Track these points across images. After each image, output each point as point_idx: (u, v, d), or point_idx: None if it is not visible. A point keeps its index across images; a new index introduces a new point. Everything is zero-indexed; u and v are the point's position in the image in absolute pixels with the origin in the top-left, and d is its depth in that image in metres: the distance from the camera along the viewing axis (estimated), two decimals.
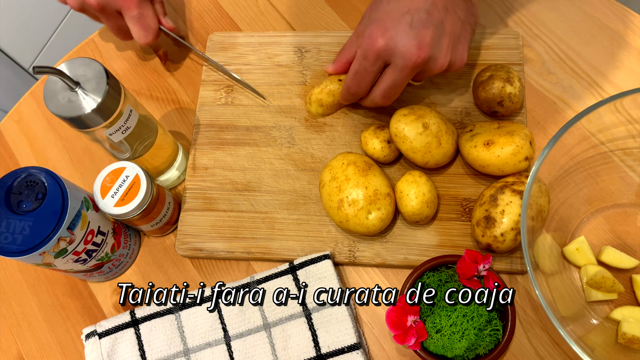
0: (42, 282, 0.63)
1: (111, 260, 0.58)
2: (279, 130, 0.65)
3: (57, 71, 0.47)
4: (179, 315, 0.57)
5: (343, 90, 0.59)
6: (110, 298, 0.61)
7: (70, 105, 0.49)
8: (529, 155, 0.55)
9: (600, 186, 0.58)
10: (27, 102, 0.73)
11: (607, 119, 0.53)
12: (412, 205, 0.55)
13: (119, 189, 0.54)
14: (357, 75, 0.55)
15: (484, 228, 0.53)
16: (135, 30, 0.63)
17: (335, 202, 0.56)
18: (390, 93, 0.55)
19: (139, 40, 0.64)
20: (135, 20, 0.62)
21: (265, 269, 0.60)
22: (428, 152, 0.56)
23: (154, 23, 0.64)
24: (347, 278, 0.59)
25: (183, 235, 0.61)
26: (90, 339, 0.57)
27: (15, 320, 0.62)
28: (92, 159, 0.68)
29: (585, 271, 0.54)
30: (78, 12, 0.62)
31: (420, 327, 0.51)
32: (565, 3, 0.68)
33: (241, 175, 0.63)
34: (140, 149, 0.57)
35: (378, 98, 0.56)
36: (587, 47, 0.65)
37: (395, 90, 0.55)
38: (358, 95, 0.58)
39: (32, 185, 0.50)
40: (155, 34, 0.64)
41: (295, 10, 0.72)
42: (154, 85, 0.71)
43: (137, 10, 0.61)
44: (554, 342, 0.54)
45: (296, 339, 0.55)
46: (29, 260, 0.49)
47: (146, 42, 0.64)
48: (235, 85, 0.67)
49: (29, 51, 1.27)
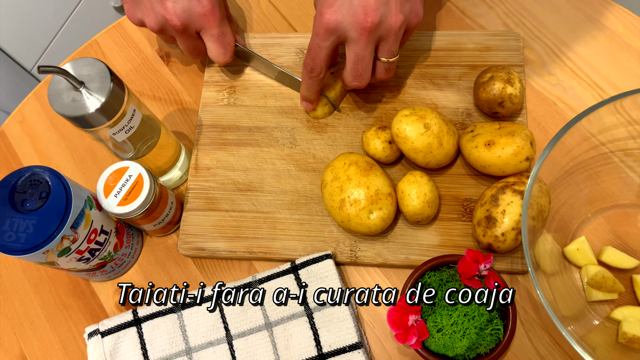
0: (45, 281, 0.63)
1: (114, 259, 0.59)
2: (281, 130, 0.65)
3: (61, 71, 0.47)
4: (181, 315, 0.57)
5: (302, 77, 0.59)
6: (112, 297, 0.62)
7: (75, 104, 0.49)
8: (530, 155, 0.55)
9: (600, 187, 0.58)
10: (30, 103, 0.73)
11: (607, 119, 0.53)
12: (414, 205, 0.55)
13: (122, 189, 0.54)
14: (310, 52, 0.55)
15: (485, 228, 0.53)
16: (214, 48, 0.62)
17: (337, 202, 0.56)
18: (358, 70, 0.55)
19: (217, 58, 0.63)
20: (216, 38, 0.61)
21: (267, 268, 0.60)
22: (429, 153, 0.56)
23: (232, 41, 0.63)
24: (349, 278, 0.59)
25: (185, 235, 0.61)
26: (92, 338, 0.57)
27: (17, 320, 0.62)
28: (94, 159, 0.69)
29: (585, 271, 0.54)
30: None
31: (422, 326, 0.51)
32: (565, 5, 0.68)
33: (243, 175, 0.63)
34: (143, 149, 0.58)
35: (349, 79, 0.56)
36: (587, 48, 0.65)
37: (362, 65, 0.55)
38: (315, 76, 0.58)
39: (36, 184, 0.50)
40: (233, 52, 0.64)
41: (297, 11, 0.73)
42: (157, 86, 0.71)
43: (218, 29, 0.61)
44: (555, 342, 0.54)
45: (298, 338, 0.55)
46: (33, 258, 0.50)
47: (225, 60, 0.63)
48: (237, 86, 0.68)
49: (31, 53, 1.28)
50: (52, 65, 0.46)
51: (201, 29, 0.61)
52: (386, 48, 0.55)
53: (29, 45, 1.26)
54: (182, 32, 0.60)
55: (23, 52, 1.26)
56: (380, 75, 0.58)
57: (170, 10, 0.58)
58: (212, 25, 0.60)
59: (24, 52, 1.26)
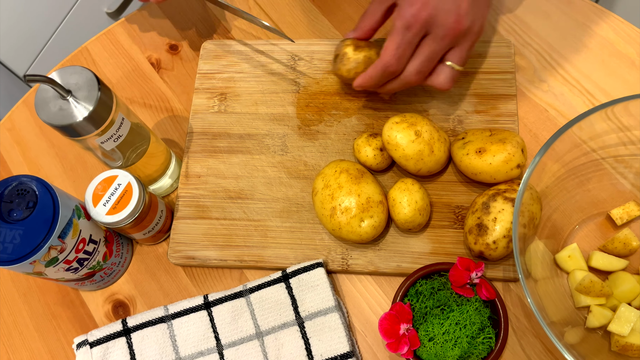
0: (34, 290, 0.63)
1: (103, 268, 0.58)
2: (272, 138, 0.65)
3: (48, 80, 0.47)
4: (171, 324, 0.56)
5: (377, 69, 0.54)
6: (102, 307, 0.61)
7: (62, 113, 0.49)
8: (521, 162, 0.55)
9: (592, 193, 0.58)
10: (19, 110, 0.73)
11: (598, 126, 0.53)
12: (405, 212, 0.55)
13: (110, 197, 0.54)
14: (398, 48, 0.52)
15: (477, 235, 0.53)
16: None
17: (328, 209, 0.55)
18: (426, 67, 0.53)
19: None
20: None
21: (258, 277, 0.60)
22: (420, 160, 0.56)
23: None
24: (340, 286, 0.59)
25: (176, 244, 0.61)
26: (81, 348, 0.56)
27: (6, 329, 0.61)
28: (84, 167, 0.68)
29: (573, 277, 0.54)
30: None
31: (413, 335, 0.51)
32: (556, 11, 0.68)
33: (234, 183, 0.63)
34: (132, 157, 0.57)
35: (412, 75, 0.53)
36: (578, 55, 0.66)
37: (430, 65, 0.53)
38: (395, 74, 0.55)
39: (23, 193, 0.49)
40: None
41: (289, 18, 0.73)
42: (147, 93, 0.71)
43: None
44: (547, 350, 0.54)
45: (289, 347, 0.55)
46: (20, 269, 0.49)
47: None
48: (228, 94, 0.67)
49: (23, 59, 1.27)
50: (38, 74, 0.46)
51: None
52: (458, 54, 0.53)
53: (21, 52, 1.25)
54: None
55: (15, 58, 1.25)
56: (442, 81, 0.54)
57: None
58: None
59: (15, 59, 1.25)
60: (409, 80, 0.55)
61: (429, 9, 0.50)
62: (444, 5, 0.50)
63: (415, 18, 0.50)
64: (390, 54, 0.52)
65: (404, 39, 0.51)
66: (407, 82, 0.55)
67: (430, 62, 0.53)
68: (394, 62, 0.53)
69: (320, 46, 0.69)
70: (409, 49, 0.52)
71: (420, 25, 0.51)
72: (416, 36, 0.52)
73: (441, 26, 0.50)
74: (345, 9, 0.72)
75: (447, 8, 0.50)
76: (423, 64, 0.53)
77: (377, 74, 0.55)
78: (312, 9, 0.73)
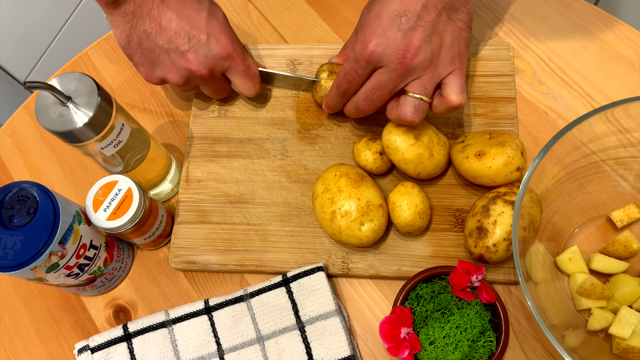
0: (35, 296, 0.63)
1: (104, 274, 0.58)
2: (272, 142, 0.65)
3: (48, 86, 0.47)
4: (172, 329, 0.56)
5: (331, 90, 0.58)
6: (103, 312, 0.61)
7: (62, 119, 0.49)
8: (521, 165, 0.55)
9: (592, 195, 0.58)
10: (20, 116, 0.73)
11: (598, 128, 0.53)
12: (405, 216, 0.55)
13: (111, 203, 0.54)
14: (346, 75, 0.55)
15: (477, 239, 0.53)
16: (242, 83, 0.61)
17: (328, 213, 0.56)
18: (373, 95, 0.54)
19: (248, 92, 0.62)
20: (242, 74, 0.60)
21: (258, 281, 0.60)
22: (420, 163, 0.56)
23: (257, 70, 0.62)
24: (341, 290, 0.59)
25: (176, 248, 0.61)
26: (82, 354, 0.56)
27: (7, 335, 0.61)
28: (85, 172, 0.68)
29: (574, 280, 0.54)
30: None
31: (414, 339, 0.51)
32: (555, 14, 0.68)
33: (234, 187, 0.63)
34: (132, 162, 0.57)
35: (360, 100, 0.56)
36: (577, 57, 0.66)
37: (378, 93, 0.54)
38: (346, 96, 0.57)
39: (23, 199, 0.50)
40: (260, 81, 0.63)
41: (288, 23, 0.73)
42: (148, 98, 0.71)
43: (243, 63, 0.60)
44: (548, 353, 0.54)
45: (290, 351, 0.55)
46: (21, 275, 0.49)
47: (255, 92, 0.63)
48: (228, 98, 0.68)
49: (24, 64, 1.27)
50: (38, 81, 0.46)
51: (227, 69, 0.60)
52: (417, 84, 0.53)
53: (21, 57, 1.26)
54: (209, 78, 0.59)
55: (15, 63, 1.25)
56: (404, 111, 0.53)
57: (194, 61, 0.57)
58: (237, 62, 0.59)
59: (16, 64, 1.25)
60: (358, 105, 0.56)
61: (375, 46, 0.51)
62: (393, 43, 0.51)
63: (362, 53, 0.52)
64: (340, 77, 0.56)
65: (352, 68, 0.54)
66: (357, 106, 0.57)
67: (377, 91, 0.54)
68: (344, 83, 0.56)
69: (319, 50, 0.69)
70: (358, 78, 0.55)
71: (365, 61, 0.53)
72: (363, 69, 0.53)
73: (390, 62, 0.52)
74: (344, 13, 0.72)
75: (395, 45, 0.51)
76: (369, 92, 0.55)
77: (333, 93, 0.58)
78: (311, 13, 0.73)
